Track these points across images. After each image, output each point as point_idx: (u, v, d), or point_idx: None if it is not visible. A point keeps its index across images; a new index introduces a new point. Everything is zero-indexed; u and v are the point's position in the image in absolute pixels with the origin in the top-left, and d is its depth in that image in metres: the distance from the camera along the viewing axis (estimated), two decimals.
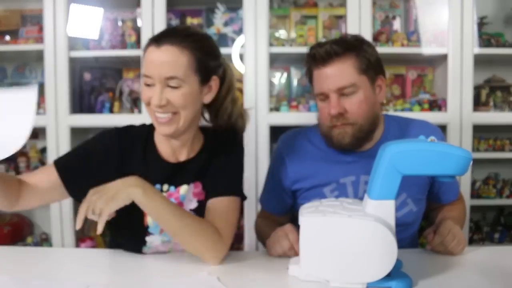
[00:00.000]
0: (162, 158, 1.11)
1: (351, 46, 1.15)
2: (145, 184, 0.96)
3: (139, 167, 1.08)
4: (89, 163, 1.07)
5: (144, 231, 1.09)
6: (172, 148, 1.11)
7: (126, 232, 1.11)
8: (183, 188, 1.10)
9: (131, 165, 1.09)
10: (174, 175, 1.10)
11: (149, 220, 1.08)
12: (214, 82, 1.08)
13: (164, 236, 1.09)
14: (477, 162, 2.03)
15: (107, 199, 0.91)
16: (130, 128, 1.15)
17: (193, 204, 1.11)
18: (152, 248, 1.10)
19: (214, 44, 1.11)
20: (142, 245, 1.10)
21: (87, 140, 1.13)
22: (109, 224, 1.05)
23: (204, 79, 1.05)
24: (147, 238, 1.09)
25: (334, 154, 1.23)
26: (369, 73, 1.16)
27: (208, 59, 1.05)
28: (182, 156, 1.12)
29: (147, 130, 1.14)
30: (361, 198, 0.95)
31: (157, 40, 1.01)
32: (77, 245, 1.98)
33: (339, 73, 1.13)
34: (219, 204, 1.07)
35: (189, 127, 1.07)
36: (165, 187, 1.10)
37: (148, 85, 1.01)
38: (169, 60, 0.99)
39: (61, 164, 1.06)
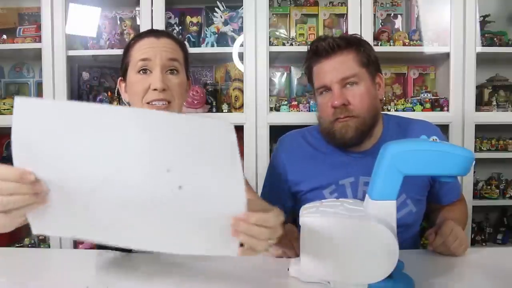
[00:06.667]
0: None
1: (352, 41, 1.19)
2: None
3: None
4: None
5: None
6: None
7: None
8: None
9: None
10: None
11: None
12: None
13: None
14: (479, 162, 2.02)
15: None
16: None
17: None
18: None
19: None
20: None
21: None
22: None
23: (187, 78, 1.15)
24: None
25: (333, 156, 1.23)
26: (369, 68, 1.19)
27: (188, 61, 1.16)
28: None
29: None
30: (360, 199, 0.94)
31: (155, 33, 1.09)
32: (76, 246, 1.96)
33: (342, 64, 1.16)
34: None
35: None
36: None
37: (143, 72, 1.06)
38: (169, 47, 1.08)
39: None
